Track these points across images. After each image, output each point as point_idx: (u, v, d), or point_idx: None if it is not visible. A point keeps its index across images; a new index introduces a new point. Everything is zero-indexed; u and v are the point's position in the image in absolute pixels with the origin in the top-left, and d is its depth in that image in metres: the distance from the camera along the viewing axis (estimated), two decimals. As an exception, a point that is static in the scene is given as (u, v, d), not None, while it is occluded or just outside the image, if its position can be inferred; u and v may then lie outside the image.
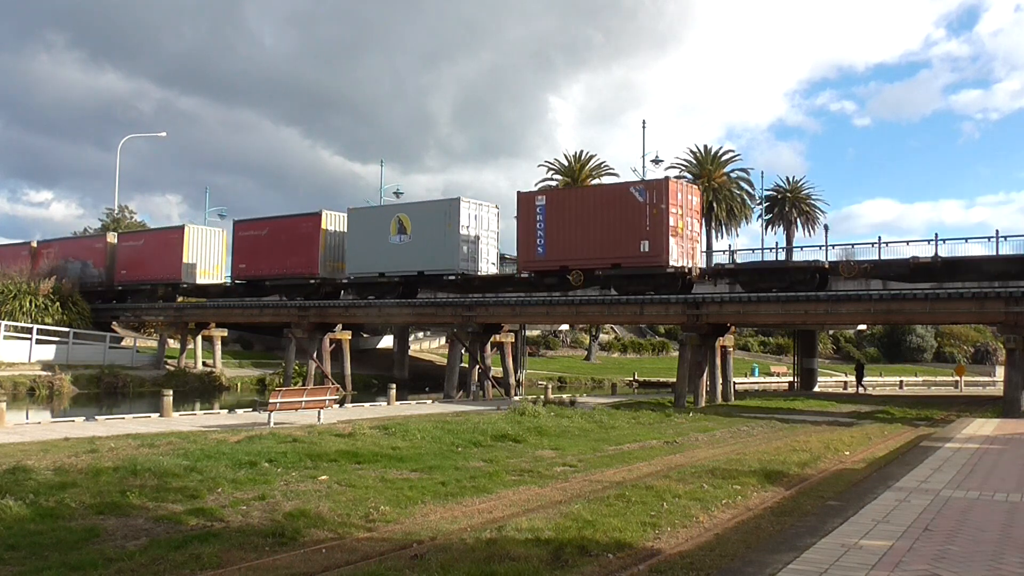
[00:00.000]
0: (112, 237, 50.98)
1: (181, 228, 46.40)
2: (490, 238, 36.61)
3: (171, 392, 22.99)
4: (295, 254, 40.13)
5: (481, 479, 11.85)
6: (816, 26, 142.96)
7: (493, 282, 36.47)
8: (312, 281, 39.91)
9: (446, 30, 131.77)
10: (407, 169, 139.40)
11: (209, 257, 46.77)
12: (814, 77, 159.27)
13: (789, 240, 62.24)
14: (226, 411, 24.54)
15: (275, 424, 18.79)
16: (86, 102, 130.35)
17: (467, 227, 35.42)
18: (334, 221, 40.08)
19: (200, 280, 46.19)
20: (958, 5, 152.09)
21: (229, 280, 46.45)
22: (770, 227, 64.07)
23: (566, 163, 60.53)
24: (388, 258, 37.17)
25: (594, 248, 31.13)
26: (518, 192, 34.72)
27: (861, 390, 43.79)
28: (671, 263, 29.70)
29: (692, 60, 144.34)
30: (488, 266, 36.30)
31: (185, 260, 45.50)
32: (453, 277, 35.60)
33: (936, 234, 28.60)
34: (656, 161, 44.81)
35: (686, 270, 30.52)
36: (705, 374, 30.19)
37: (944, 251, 27.95)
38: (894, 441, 18.53)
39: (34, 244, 54.44)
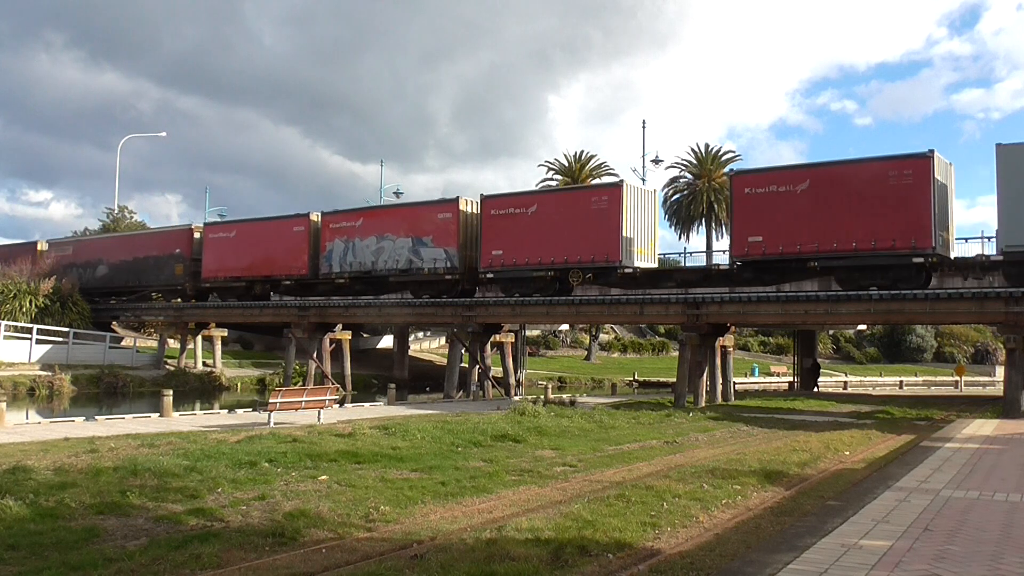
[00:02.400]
0: (467, 203, 34.71)
1: (618, 186, 31.17)
2: None
3: (171, 392, 23.01)
4: (870, 218, 25.71)
5: (481, 479, 11.85)
6: (817, 25, 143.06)
7: None
8: (917, 259, 25.38)
9: (446, 30, 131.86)
10: (407, 169, 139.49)
11: (642, 229, 31.37)
12: (815, 76, 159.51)
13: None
14: (226, 411, 24.55)
15: (275, 424, 18.80)
16: (85, 102, 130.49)
17: None
18: (943, 170, 25.98)
19: (639, 262, 31.08)
20: (960, 4, 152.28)
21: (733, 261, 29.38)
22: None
23: (566, 163, 60.55)
24: None
25: None
26: None
27: (815, 388, 43.67)
28: None
29: (692, 59, 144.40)
30: None
31: (624, 233, 30.19)
32: None
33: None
34: (656, 161, 44.95)
35: None
36: (705, 374, 30.19)
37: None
38: (894, 441, 18.53)
39: (314, 217, 39.93)
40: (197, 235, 44.46)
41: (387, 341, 53.65)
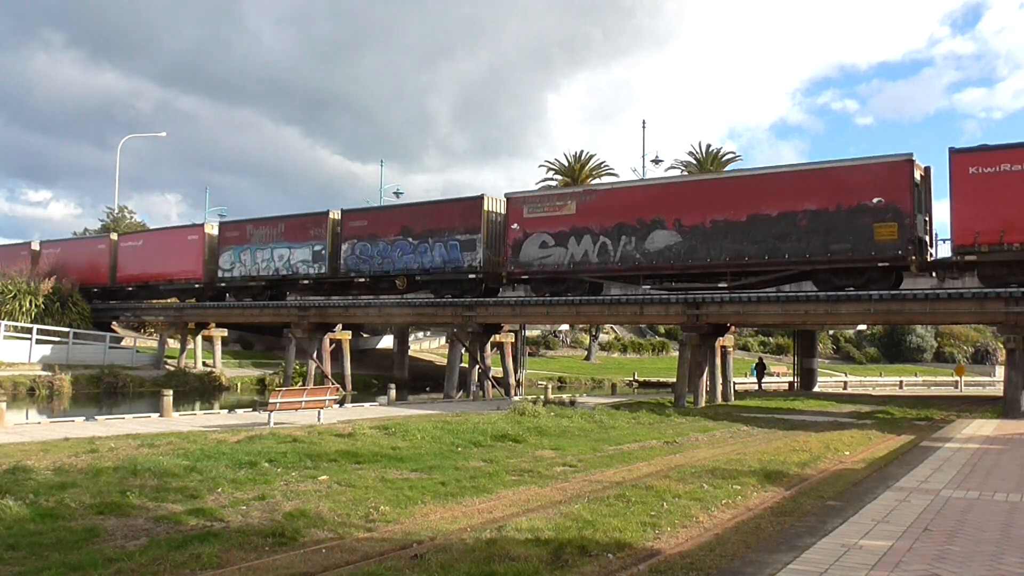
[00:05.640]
0: None
1: None
2: None
3: (171, 392, 23.01)
4: None
5: (481, 479, 11.85)
6: (818, 25, 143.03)
7: None
8: None
9: (446, 29, 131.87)
10: (406, 169, 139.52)
11: None
12: (816, 76, 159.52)
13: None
14: (226, 411, 24.55)
15: (275, 424, 18.79)
16: (85, 101, 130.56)
17: None
18: None
19: None
20: (961, 3, 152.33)
21: None
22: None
23: (566, 163, 60.56)
24: None
25: None
26: None
27: (760, 387, 43.68)
28: None
29: (692, 59, 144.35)
30: None
31: None
32: None
33: (937, 234, 27.82)
34: (656, 161, 45.02)
35: None
36: (705, 374, 30.17)
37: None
38: (894, 441, 18.52)
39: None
40: (921, 174, 24.95)
41: (387, 341, 53.65)
